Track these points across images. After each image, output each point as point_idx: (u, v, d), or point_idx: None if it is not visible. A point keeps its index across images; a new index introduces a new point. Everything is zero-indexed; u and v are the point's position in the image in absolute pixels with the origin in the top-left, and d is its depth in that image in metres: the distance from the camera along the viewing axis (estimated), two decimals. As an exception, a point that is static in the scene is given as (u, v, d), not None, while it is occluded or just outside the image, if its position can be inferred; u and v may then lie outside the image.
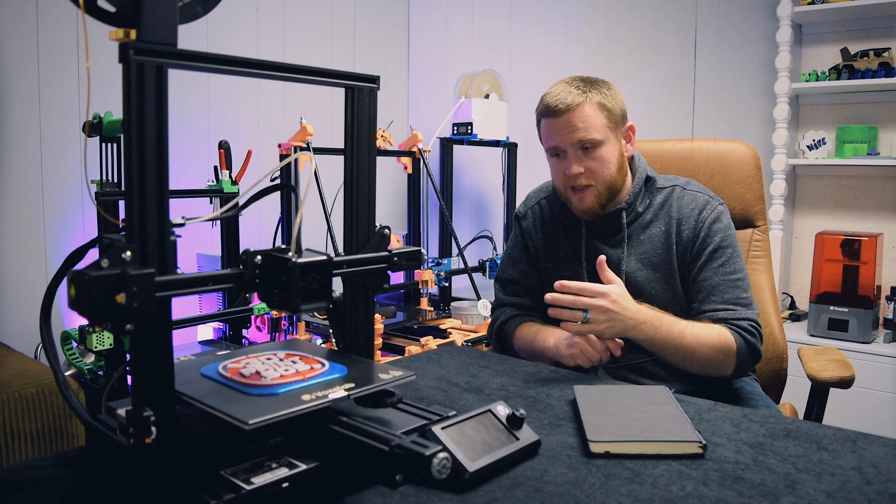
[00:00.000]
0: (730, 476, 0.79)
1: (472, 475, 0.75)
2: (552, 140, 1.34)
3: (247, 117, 2.83)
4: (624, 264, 1.37)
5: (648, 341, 1.24)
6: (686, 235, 1.35)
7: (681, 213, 1.36)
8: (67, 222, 2.30)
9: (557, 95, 1.32)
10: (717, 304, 1.30)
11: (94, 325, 0.73)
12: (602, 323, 1.19)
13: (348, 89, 0.85)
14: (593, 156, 1.32)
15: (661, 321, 1.24)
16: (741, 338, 1.26)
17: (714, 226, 1.34)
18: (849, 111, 2.62)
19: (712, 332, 1.26)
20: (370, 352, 0.89)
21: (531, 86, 3.19)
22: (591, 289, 1.19)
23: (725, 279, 1.31)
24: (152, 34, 0.65)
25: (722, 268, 1.32)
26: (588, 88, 1.32)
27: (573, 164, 1.32)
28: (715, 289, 1.31)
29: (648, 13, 2.92)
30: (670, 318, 1.26)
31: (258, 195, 0.97)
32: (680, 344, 1.24)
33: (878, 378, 2.26)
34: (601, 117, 1.31)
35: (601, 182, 1.33)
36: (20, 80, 2.18)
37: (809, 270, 2.55)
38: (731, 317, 1.28)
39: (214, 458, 0.69)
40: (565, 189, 1.37)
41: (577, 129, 1.30)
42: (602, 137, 1.31)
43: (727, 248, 1.33)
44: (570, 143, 1.32)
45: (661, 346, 1.25)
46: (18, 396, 1.61)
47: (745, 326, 1.28)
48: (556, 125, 1.32)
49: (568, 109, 1.30)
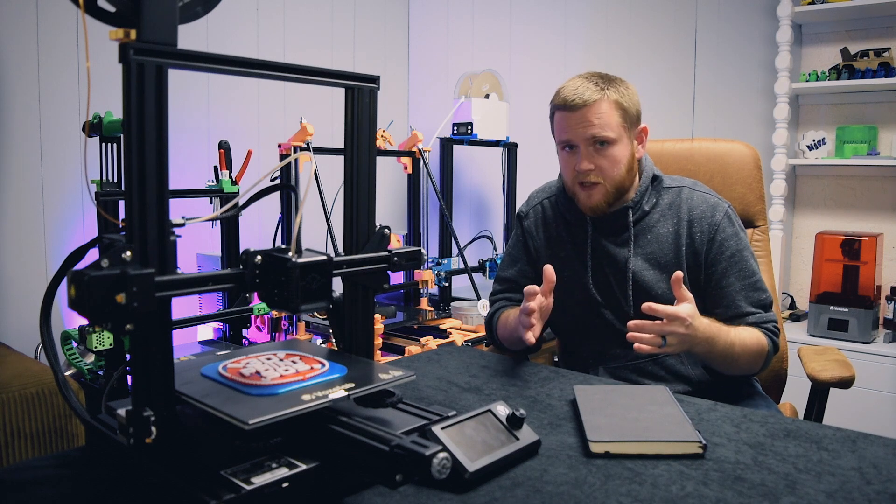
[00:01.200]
0: (730, 476, 0.79)
1: (472, 475, 0.75)
2: (565, 133, 1.33)
3: (247, 117, 2.83)
4: (630, 263, 1.37)
5: (705, 355, 1.26)
6: (699, 238, 1.35)
7: (691, 214, 1.36)
8: (67, 222, 2.30)
9: (576, 90, 1.31)
10: (747, 307, 1.33)
11: (94, 325, 0.73)
12: (675, 346, 1.18)
13: (348, 89, 0.85)
14: (605, 153, 1.32)
15: (717, 335, 1.23)
16: (770, 340, 1.31)
17: (728, 229, 1.35)
18: (849, 111, 2.62)
19: (752, 337, 1.29)
20: (370, 352, 0.89)
21: (531, 86, 3.20)
22: (672, 313, 1.14)
23: (747, 283, 1.34)
24: (152, 34, 0.65)
25: (742, 272, 1.34)
26: (606, 85, 1.32)
27: (584, 160, 1.32)
28: (741, 294, 1.33)
29: (648, 13, 2.92)
30: (724, 330, 1.25)
31: (258, 195, 0.97)
32: (730, 354, 1.26)
33: (878, 378, 2.26)
34: (617, 116, 1.31)
35: (610, 181, 1.33)
36: (20, 80, 2.18)
37: (809, 270, 2.55)
38: (760, 320, 1.32)
39: (214, 458, 0.69)
40: (573, 184, 1.37)
41: (591, 125, 1.30)
42: (616, 136, 1.31)
43: (743, 250, 1.35)
44: (584, 139, 1.31)
45: (715, 359, 1.27)
46: (18, 396, 1.61)
47: (771, 328, 1.32)
48: (571, 119, 1.32)
49: (585, 104, 1.30)
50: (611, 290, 1.39)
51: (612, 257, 1.39)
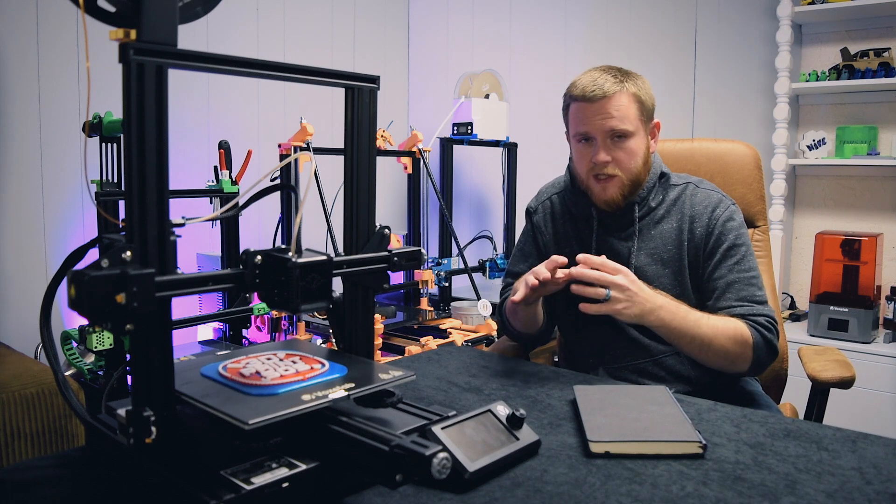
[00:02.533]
0: (730, 476, 0.79)
1: (472, 475, 0.75)
2: (583, 125, 1.32)
3: (247, 117, 2.83)
4: (633, 258, 1.37)
5: (664, 328, 1.23)
6: (699, 233, 1.35)
7: (693, 210, 1.36)
8: (67, 222, 2.30)
9: (594, 81, 1.30)
10: (732, 301, 1.30)
11: (94, 325, 0.73)
12: (622, 302, 1.17)
13: (348, 89, 0.85)
14: (622, 146, 1.31)
15: (677, 308, 1.23)
16: (758, 332, 1.26)
17: (728, 224, 1.34)
18: (849, 111, 2.62)
19: (729, 323, 1.25)
20: (370, 352, 0.89)
21: (531, 86, 3.20)
22: (611, 265, 1.18)
23: (741, 276, 1.31)
24: (152, 34, 0.65)
25: (737, 265, 1.32)
26: (624, 78, 1.32)
27: (601, 152, 1.31)
28: (730, 286, 1.31)
29: (648, 13, 2.92)
30: (686, 307, 1.25)
31: (258, 195, 0.97)
32: (696, 332, 1.23)
33: (878, 378, 2.26)
34: (634, 108, 1.31)
35: (627, 173, 1.33)
36: (20, 80, 2.18)
37: (809, 270, 2.55)
38: (747, 312, 1.28)
39: (214, 458, 0.69)
40: (588, 177, 1.36)
41: (610, 117, 1.29)
42: (633, 129, 1.31)
43: (741, 245, 1.34)
44: (602, 131, 1.30)
45: (678, 334, 1.23)
46: (18, 396, 1.61)
47: (762, 322, 1.27)
48: (589, 110, 1.31)
49: (605, 96, 1.29)
50: None
51: (615, 253, 1.38)
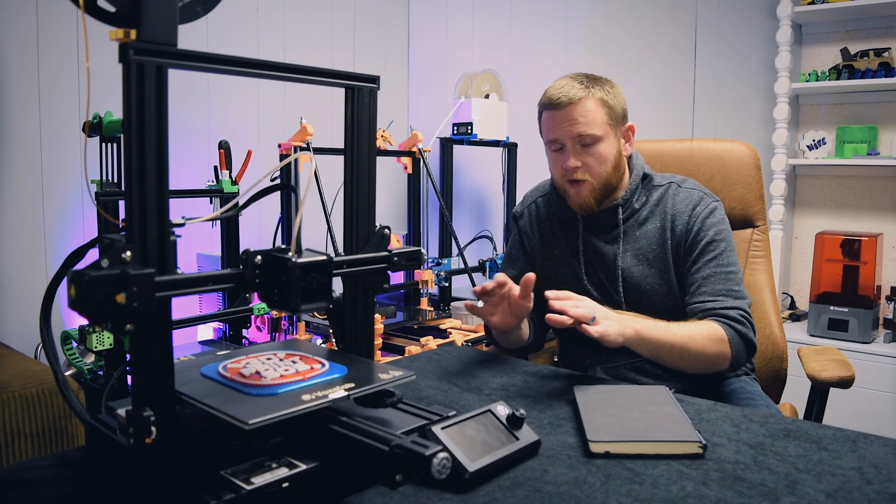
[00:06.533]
0: (730, 476, 0.79)
1: (472, 475, 0.75)
2: (552, 133, 1.35)
3: (247, 117, 2.83)
4: (619, 260, 1.38)
5: (644, 342, 1.21)
6: (680, 230, 1.36)
7: (675, 208, 1.37)
8: (67, 222, 2.30)
9: (560, 89, 1.33)
10: (706, 295, 1.30)
11: (94, 325, 0.73)
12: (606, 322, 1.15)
13: (348, 89, 0.85)
14: (591, 151, 1.33)
15: (647, 319, 1.23)
16: (730, 328, 1.26)
17: (707, 220, 1.35)
18: (849, 111, 2.62)
19: (700, 325, 1.26)
20: (370, 352, 0.89)
21: (531, 86, 3.19)
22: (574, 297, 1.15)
23: (717, 271, 1.32)
24: (152, 34, 0.65)
25: (714, 260, 1.33)
26: (591, 84, 1.33)
27: (571, 158, 1.33)
28: (706, 280, 1.31)
29: (648, 13, 2.92)
30: (654, 319, 1.25)
31: (258, 195, 0.97)
32: (673, 339, 1.22)
33: (878, 378, 2.26)
34: (602, 113, 1.32)
35: (597, 178, 1.34)
36: (20, 80, 2.18)
37: (809, 270, 2.55)
38: (718, 306, 1.28)
39: (214, 458, 0.69)
40: (563, 182, 1.38)
41: (577, 123, 1.31)
42: (601, 133, 1.32)
43: (720, 241, 1.34)
44: (570, 137, 1.32)
45: (656, 343, 1.23)
46: (18, 396, 1.61)
47: (733, 315, 1.27)
48: (556, 118, 1.33)
49: (570, 103, 1.31)
50: (604, 288, 1.40)
51: (602, 255, 1.40)
